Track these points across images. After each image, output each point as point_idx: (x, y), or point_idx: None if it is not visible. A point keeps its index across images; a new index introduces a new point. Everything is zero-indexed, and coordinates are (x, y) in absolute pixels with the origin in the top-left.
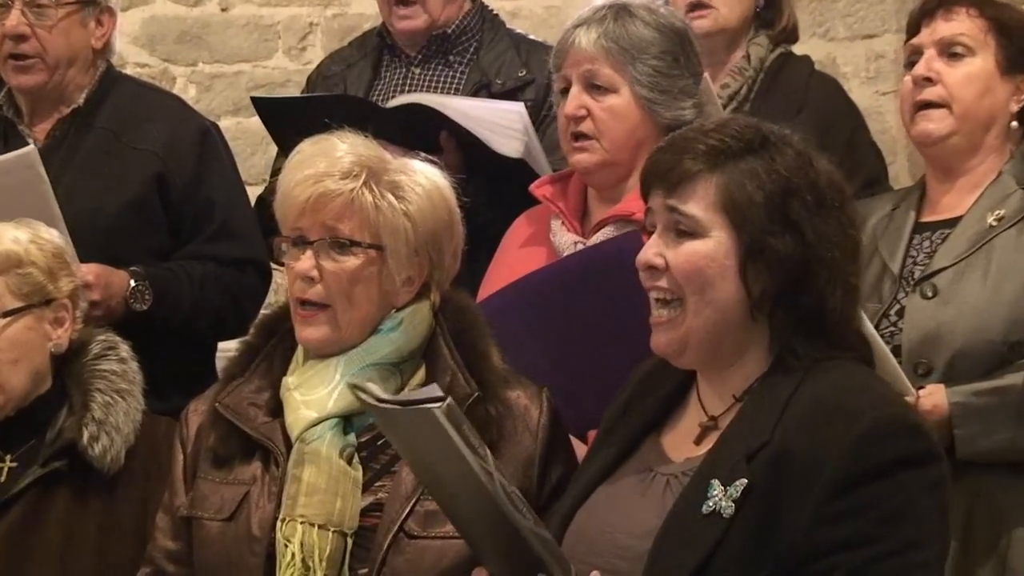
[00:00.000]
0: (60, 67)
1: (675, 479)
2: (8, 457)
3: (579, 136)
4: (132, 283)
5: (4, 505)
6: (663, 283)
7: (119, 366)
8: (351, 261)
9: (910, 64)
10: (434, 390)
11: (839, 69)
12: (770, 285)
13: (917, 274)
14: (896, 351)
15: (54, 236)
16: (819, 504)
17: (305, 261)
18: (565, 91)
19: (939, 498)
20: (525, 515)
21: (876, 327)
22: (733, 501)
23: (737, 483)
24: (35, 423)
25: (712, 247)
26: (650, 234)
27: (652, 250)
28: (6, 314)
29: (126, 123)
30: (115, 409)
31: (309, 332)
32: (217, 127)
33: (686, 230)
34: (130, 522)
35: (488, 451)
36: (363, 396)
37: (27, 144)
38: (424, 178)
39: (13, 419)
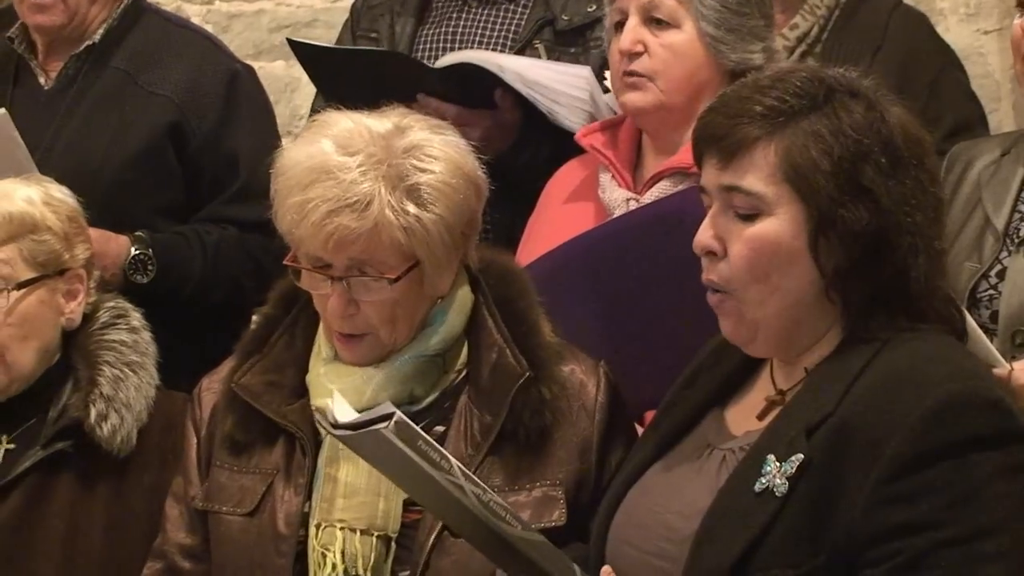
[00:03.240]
0: (81, 6)
1: (732, 455)
2: (5, 438)
3: (633, 74)
4: (133, 251)
5: (1, 491)
6: (717, 275)
7: (129, 336)
8: (388, 291)
9: (1020, 4)
10: (386, 407)
11: (935, 4)
12: (844, 261)
13: (1023, 232)
14: (994, 317)
15: (67, 195)
16: (881, 483)
17: (337, 299)
18: (619, 25)
19: (1020, 484)
20: (510, 522)
21: (973, 289)
22: (787, 478)
23: (793, 458)
24: (36, 400)
25: (777, 227)
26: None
27: (710, 232)
28: (20, 285)
29: (145, 63)
30: (125, 384)
31: (352, 357)
32: (251, 71)
33: (748, 213)
34: (142, 510)
35: (453, 461)
36: (321, 421)
37: (38, 82)
38: (439, 162)
39: (11, 396)
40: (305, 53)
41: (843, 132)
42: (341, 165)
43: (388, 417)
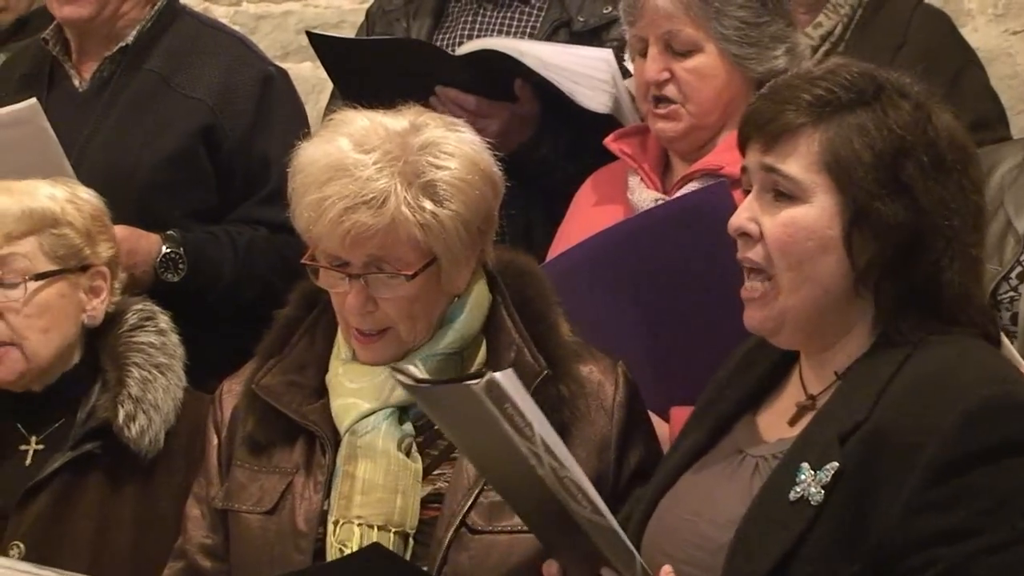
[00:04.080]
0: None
1: (764, 462)
2: (34, 439)
3: (661, 100)
4: (164, 249)
5: (31, 492)
6: (754, 254)
7: (157, 338)
8: (406, 287)
9: None
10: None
11: (962, 4)
12: (876, 256)
13: None
14: (1014, 319)
15: (93, 196)
16: (917, 490)
17: (355, 296)
18: (641, 51)
19: None
20: (581, 503)
21: (994, 291)
22: (823, 487)
23: (828, 467)
24: (64, 401)
25: (814, 215)
26: (746, 194)
27: (746, 214)
28: (38, 276)
29: (178, 66)
30: (153, 385)
31: (369, 356)
32: (284, 73)
33: (785, 192)
34: (170, 511)
35: (537, 432)
36: (401, 378)
37: (73, 84)
38: (454, 159)
39: (39, 396)
40: (324, 46)
41: (888, 127)
42: (357, 162)
43: (479, 375)
